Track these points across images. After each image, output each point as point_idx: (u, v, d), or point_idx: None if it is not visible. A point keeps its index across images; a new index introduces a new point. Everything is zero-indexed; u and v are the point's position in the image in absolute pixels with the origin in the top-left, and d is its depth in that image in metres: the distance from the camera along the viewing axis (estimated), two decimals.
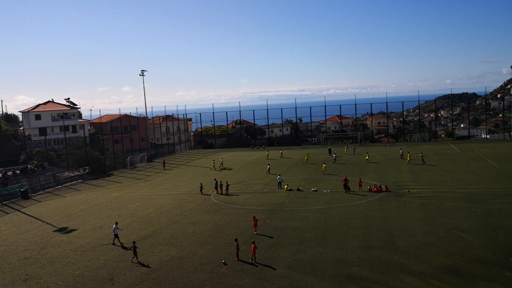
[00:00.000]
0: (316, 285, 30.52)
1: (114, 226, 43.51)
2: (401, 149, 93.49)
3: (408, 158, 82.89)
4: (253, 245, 35.69)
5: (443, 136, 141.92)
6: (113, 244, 42.42)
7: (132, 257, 37.80)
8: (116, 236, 42.89)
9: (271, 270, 33.79)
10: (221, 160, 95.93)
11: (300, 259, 35.61)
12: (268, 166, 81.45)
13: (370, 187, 59.47)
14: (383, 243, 38.19)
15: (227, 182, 64.54)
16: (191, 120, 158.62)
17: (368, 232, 41.30)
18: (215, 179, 66.57)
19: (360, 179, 61.91)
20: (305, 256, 36.21)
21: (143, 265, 36.78)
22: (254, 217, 44.09)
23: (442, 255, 34.63)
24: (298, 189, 62.42)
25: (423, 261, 33.61)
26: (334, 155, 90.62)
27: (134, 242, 38.86)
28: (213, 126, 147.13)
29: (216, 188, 64.08)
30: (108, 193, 70.52)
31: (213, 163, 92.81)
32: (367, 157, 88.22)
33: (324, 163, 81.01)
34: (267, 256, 36.59)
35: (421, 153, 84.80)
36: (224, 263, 35.58)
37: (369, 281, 30.70)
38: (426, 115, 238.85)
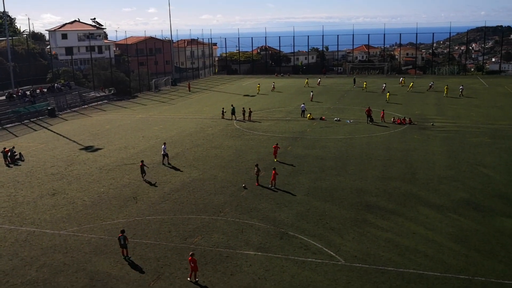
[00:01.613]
0: (334, 212, 31.07)
1: (163, 146, 43.90)
2: (432, 82, 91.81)
3: (445, 91, 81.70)
4: (273, 171, 36.17)
5: (472, 70, 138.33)
6: (163, 164, 43.20)
7: (143, 175, 39.19)
8: (164, 156, 43.51)
9: (290, 195, 34.38)
10: (273, 83, 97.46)
11: (319, 186, 36.09)
12: (312, 93, 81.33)
13: (393, 119, 59.09)
14: (403, 175, 38.38)
15: (250, 109, 64.57)
16: (216, 45, 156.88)
17: (389, 164, 41.44)
18: (232, 105, 66.48)
19: (383, 110, 61.38)
20: (325, 184, 36.65)
21: (151, 183, 38.09)
22: (276, 144, 44.40)
23: (462, 189, 34.75)
24: (321, 118, 62.31)
25: (442, 195, 33.82)
26: (384, 85, 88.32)
27: (142, 161, 39.85)
28: (238, 51, 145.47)
29: (232, 114, 64.23)
30: (133, 115, 71.33)
31: (258, 87, 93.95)
32: (410, 86, 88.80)
33: (388, 92, 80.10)
34: (287, 182, 37.13)
35: (461, 85, 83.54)
36: (244, 187, 36.26)
37: (387, 211, 31.11)
38: (457, 47, 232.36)
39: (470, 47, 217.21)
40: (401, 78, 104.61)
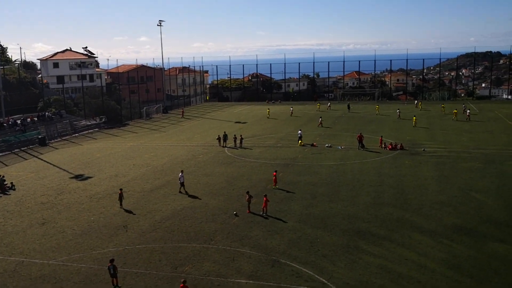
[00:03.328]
0: (326, 239, 30.87)
1: (180, 174, 43.52)
2: (464, 105, 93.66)
3: (454, 115, 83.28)
4: (264, 198, 36.00)
5: (463, 95, 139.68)
6: (180, 192, 42.69)
7: (121, 203, 39.24)
8: (182, 184, 43.04)
9: (282, 223, 34.18)
10: (291, 108, 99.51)
11: (311, 213, 35.93)
12: (320, 119, 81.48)
13: (385, 145, 59.25)
14: (395, 200, 38.32)
15: (241, 135, 64.65)
16: (207, 72, 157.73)
17: (381, 189, 41.40)
18: (224, 132, 66.48)
19: (381, 136, 61.44)
20: (316, 210, 36.50)
21: (127, 211, 38.10)
22: (276, 171, 44.42)
23: (454, 215, 34.69)
24: (312, 145, 62.36)
25: (434, 220, 33.74)
26: (398, 110, 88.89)
27: (121, 189, 39.96)
28: (229, 79, 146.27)
29: (224, 140, 64.25)
30: (124, 143, 71.15)
31: (268, 111, 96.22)
32: (443, 108, 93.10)
33: (415, 115, 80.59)
34: (278, 209, 36.95)
35: (468, 110, 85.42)
36: (236, 215, 36.04)
37: (379, 237, 30.95)
38: (447, 73, 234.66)
39: (460, 73, 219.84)
40: (416, 101, 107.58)
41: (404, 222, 33.55)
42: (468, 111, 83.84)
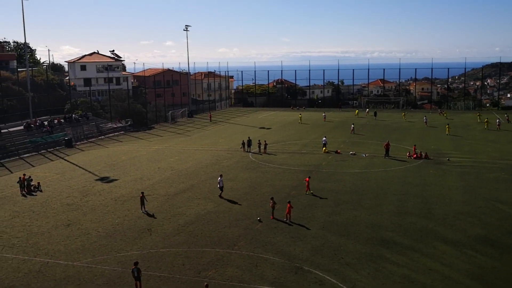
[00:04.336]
0: (349, 247, 30.76)
1: (219, 178, 43.65)
2: (506, 115, 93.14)
3: (486, 124, 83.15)
4: (288, 205, 35.98)
5: (488, 105, 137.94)
6: (220, 196, 42.69)
7: (142, 207, 39.31)
8: (221, 189, 43.08)
9: (305, 229, 34.14)
10: (324, 114, 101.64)
11: (335, 220, 35.83)
12: (352, 126, 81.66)
13: (409, 154, 58.83)
14: (419, 210, 38.00)
15: (265, 141, 64.74)
16: (232, 78, 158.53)
17: (405, 198, 41.10)
18: (248, 137, 66.68)
19: (414, 145, 61.40)
20: (340, 218, 36.39)
21: (150, 215, 38.30)
22: (309, 177, 44.38)
23: (478, 226, 34.28)
24: (336, 152, 62.19)
25: (459, 230, 33.38)
26: (425, 118, 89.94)
27: (142, 193, 40.04)
28: (254, 84, 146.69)
29: (248, 146, 64.47)
30: (149, 146, 71.78)
31: (300, 116, 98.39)
32: (479, 117, 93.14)
33: (448, 124, 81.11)
34: (302, 216, 36.92)
35: (498, 118, 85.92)
36: (259, 220, 36.10)
37: (403, 246, 30.74)
38: (472, 83, 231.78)
39: (486, 83, 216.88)
40: (439, 110, 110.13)
41: (428, 232, 33.26)
42: (498, 120, 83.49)
